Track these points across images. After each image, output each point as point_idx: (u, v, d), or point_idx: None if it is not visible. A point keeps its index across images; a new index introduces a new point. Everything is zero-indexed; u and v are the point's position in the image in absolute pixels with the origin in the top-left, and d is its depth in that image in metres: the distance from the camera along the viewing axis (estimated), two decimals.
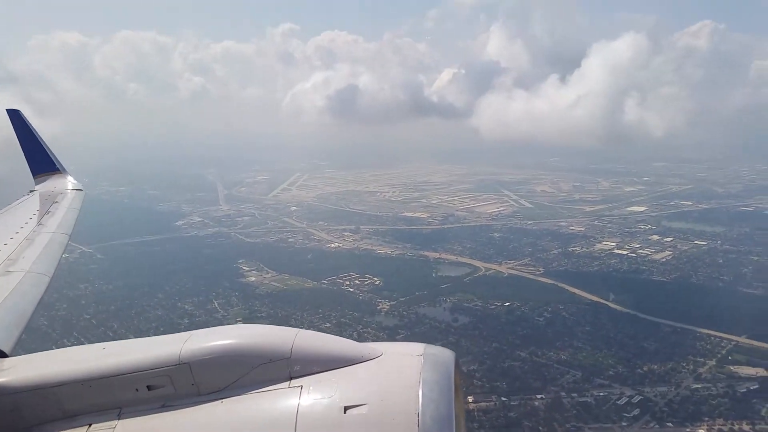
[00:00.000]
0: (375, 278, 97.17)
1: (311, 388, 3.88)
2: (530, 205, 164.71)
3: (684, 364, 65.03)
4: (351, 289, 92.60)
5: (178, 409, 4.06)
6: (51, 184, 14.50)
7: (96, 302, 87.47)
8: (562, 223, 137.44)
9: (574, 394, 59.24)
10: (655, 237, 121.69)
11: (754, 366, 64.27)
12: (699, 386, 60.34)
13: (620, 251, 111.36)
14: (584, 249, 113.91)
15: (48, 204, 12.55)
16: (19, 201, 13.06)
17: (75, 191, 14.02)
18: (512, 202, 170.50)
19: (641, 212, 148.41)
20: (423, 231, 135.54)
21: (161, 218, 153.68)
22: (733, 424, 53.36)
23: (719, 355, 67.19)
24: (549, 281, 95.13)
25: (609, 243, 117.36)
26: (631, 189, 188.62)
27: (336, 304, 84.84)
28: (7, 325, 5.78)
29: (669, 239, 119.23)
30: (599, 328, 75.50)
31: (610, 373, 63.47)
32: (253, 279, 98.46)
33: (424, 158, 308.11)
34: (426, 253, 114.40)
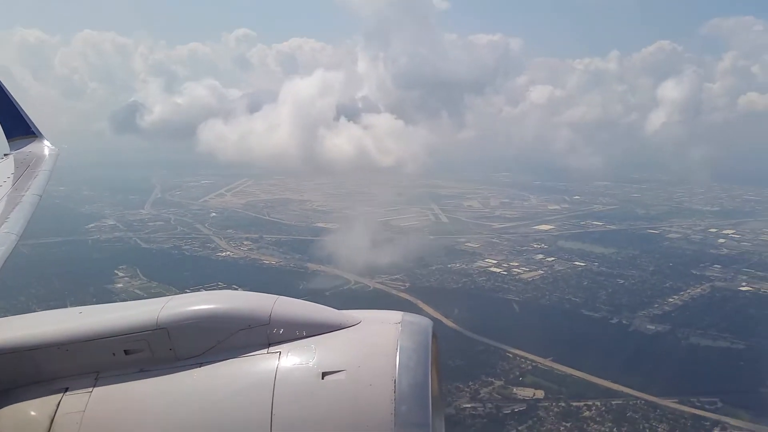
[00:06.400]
0: (238, 289, 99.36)
1: (290, 354, 3.93)
2: (446, 220, 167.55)
3: (471, 383, 67.52)
4: None
5: (156, 375, 4.06)
6: (26, 148, 14.24)
7: None
8: (462, 239, 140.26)
9: None
10: (540, 256, 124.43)
11: (536, 388, 66.97)
12: (469, 406, 63.00)
13: (495, 269, 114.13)
14: (463, 266, 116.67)
15: (23, 167, 12.36)
16: None
17: (50, 153, 13.87)
18: (432, 216, 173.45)
19: (545, 231, 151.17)
20: (323, 242, 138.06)
21: (78, 220, 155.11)
22: None
23: (511, 376, 69.89)
24: (406, 297, 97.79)
25: (490, 260, 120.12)
26: (555, 207, 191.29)
27: None
28: None
29: (551, 259, 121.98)
30: None
31: None
32: (120, 286, 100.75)
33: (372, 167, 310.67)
34: (309, 264, 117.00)
